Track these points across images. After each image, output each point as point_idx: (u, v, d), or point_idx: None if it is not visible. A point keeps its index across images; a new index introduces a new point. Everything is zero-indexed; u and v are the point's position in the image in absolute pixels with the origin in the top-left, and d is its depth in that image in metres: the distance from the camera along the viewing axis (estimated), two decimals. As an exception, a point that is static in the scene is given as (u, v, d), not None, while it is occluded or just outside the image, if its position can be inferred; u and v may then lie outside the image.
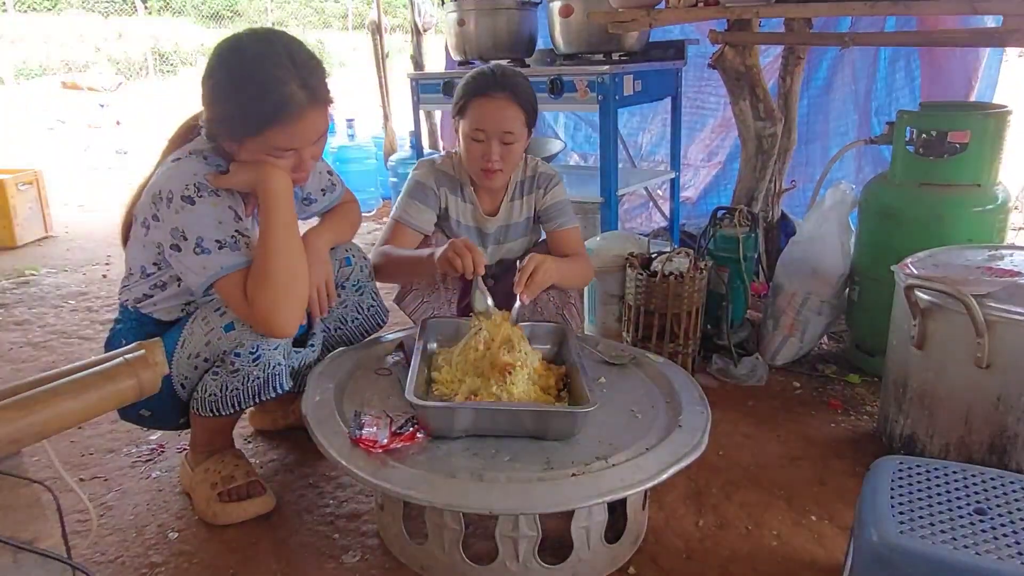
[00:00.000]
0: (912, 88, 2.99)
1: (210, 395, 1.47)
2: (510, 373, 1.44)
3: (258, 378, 1.47)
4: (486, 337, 1.53)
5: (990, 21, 2.44)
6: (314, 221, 1.70)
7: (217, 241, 1.37)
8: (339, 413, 1.44)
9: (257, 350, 1.44)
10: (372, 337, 1.81)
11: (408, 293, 1.95)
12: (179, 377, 1.48)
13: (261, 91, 1.32)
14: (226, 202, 1.41)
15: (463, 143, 1.84)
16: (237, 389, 1.46)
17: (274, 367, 1.48)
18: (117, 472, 1.79)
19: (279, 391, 1.51)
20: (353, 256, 1.69)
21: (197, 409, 1.50)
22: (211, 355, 1.45)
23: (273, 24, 21.48)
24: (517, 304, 1.60)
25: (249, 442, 1.90)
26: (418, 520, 1.38)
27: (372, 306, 1.77)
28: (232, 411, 1.49)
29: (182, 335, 1.46)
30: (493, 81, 1.78)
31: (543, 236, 2.09)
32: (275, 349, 1.47)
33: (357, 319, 1.76)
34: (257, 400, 1.50)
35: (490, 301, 1.59)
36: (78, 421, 1.11)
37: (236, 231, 1.40)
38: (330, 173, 1.74)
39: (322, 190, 1.71)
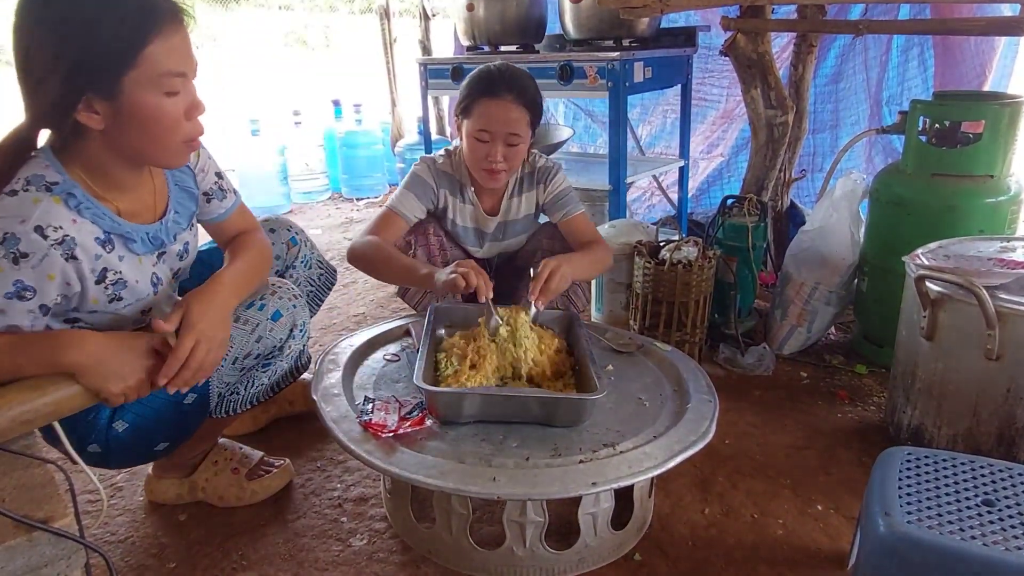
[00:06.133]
0: (925, 77, 2.96)
1: (257, 388, 1.43)
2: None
3: (302, 354, 1.48)
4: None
5: (1006, 10, 2.41)
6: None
7: None
8: (348, 398, 1.44)
9: (304, 326, 1.45)
10: (381, 324, 1.81)
11: (409, 287, 1.95)
12: (219, 387, 1.38)
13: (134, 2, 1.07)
14: (12, 276, 1.06)
15: (467, 142, 1.81)
16: (277, 376, 1.45)
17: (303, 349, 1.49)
18: (126, 454, 1.80)
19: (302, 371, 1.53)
20: (297, 235, 1.69)
21: (231, 411, 1.42)
22: (264, 349, 1.40)
23: (280, 8, 21.37)
24: (532, 310, 1.58)
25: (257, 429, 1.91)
26: (426, 504, 1.39)
27: (322, 274, 1.78)
28: (270, 396, 1.48)
29: None
30: (500, 82, 1.74)
31: (541, 223, 2.08)
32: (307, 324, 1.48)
33: (312, 291, 1.76)
34: (288, 382, 1.50)
35: (503, 326, 1.54)
36: (87, 403, 1.12)
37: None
38: (219, 176, 1.44)
39: (206, 194, 1.43)
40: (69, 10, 1.04)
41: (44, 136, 1.15)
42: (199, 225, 1.45)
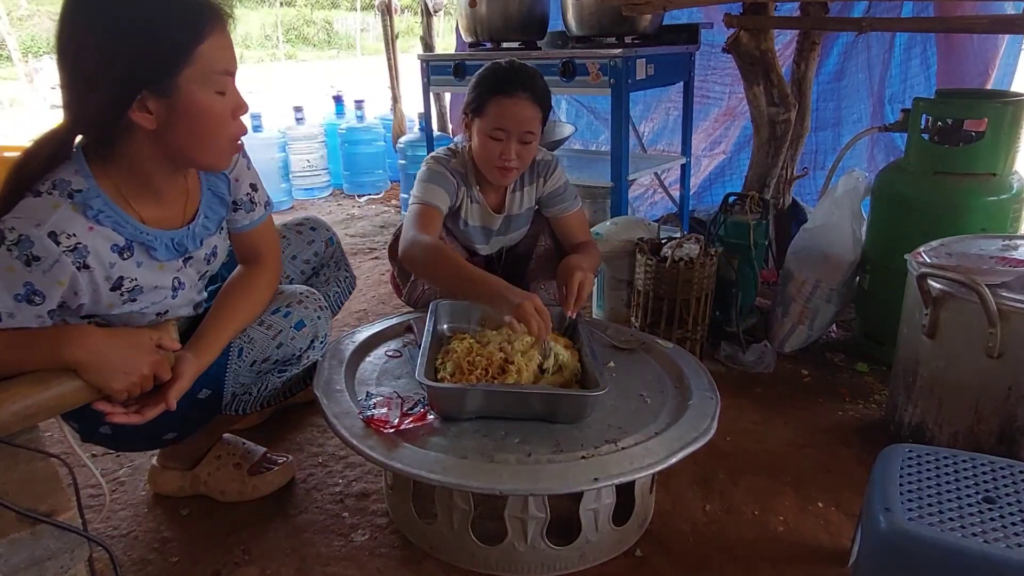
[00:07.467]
0: (928, 75, 2.95)
1: (270, 391, 1.45)
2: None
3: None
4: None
5: (1009, 8, 2.41)
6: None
7: None
8: (350, 394, 1.45)
9: (325, 338, 1.48)
10: (383, 320, 1.81)
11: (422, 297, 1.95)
12: (234, 386, 1.39)
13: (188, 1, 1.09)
14: (23, 277, 1.07)
15: (479, 140, 1.79)
16: (291, 382, 1.49)
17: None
18: (129, 448, 1.80)
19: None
20: (333, 236, 1.76)
21: (241, 410, 1.44)
22: (283, 356, 1.41)
23: (281, 5, 21.35)
24: (569, 316, 1.63)
25: (261, 421, 1.92)
26: (427, 500, 1.39)
27: (347, 276, 1.83)
28: (281, 400, 1.52)
29: (234, 346, 1.36)
30: (514, 79, 1.74)
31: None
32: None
33: (337, 292, 1.80)
34: (301, 388, 1.53)
35: (551, 360, 1.50)
36: (91, 398, 1.13)
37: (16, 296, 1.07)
38: (253, 188, 1.45)
39: (235, 203, 1.42)
40: (124, 8, 1.05)
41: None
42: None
